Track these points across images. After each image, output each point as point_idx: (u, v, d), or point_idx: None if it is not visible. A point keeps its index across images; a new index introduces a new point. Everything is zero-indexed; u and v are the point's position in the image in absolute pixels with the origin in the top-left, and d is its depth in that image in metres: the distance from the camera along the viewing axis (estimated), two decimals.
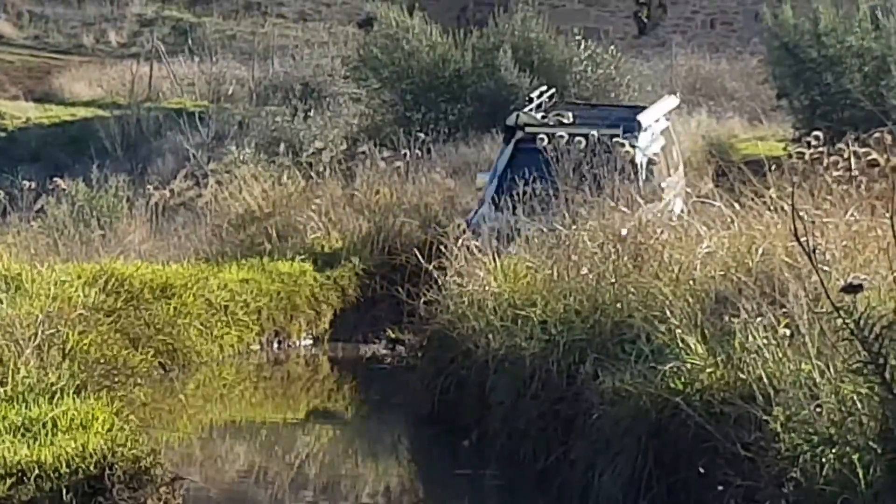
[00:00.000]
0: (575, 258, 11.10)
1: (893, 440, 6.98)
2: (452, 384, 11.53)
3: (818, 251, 8.18)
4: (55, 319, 11.17)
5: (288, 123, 22.99)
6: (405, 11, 24.80)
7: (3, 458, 8.29)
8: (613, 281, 10.42)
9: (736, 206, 10.55)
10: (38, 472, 8.22)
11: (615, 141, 14.48)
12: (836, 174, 10.09)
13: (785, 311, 8.26)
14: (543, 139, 14.86)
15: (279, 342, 15.58)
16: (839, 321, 7.18)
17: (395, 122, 23.26)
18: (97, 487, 8.32)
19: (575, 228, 11.47)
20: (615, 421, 8.98)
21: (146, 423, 10.98)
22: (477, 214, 15.34)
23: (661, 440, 8.71)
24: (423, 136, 19.41)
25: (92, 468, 8.32)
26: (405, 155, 18.22)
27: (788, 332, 8.08)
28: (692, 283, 9.72)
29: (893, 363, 6.99)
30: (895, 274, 7.93)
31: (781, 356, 8.01)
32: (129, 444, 8.65)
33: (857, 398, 7.30)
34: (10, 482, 8.14)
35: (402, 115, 23.52)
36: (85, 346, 11.57)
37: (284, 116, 23.49)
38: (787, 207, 9.41)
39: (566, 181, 13.29)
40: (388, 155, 18.53)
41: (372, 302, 16.02)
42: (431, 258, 12.77)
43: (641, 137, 15.83)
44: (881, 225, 9.09)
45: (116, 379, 11.69)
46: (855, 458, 7.08)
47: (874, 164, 9.73)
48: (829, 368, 7.62)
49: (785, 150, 18.13)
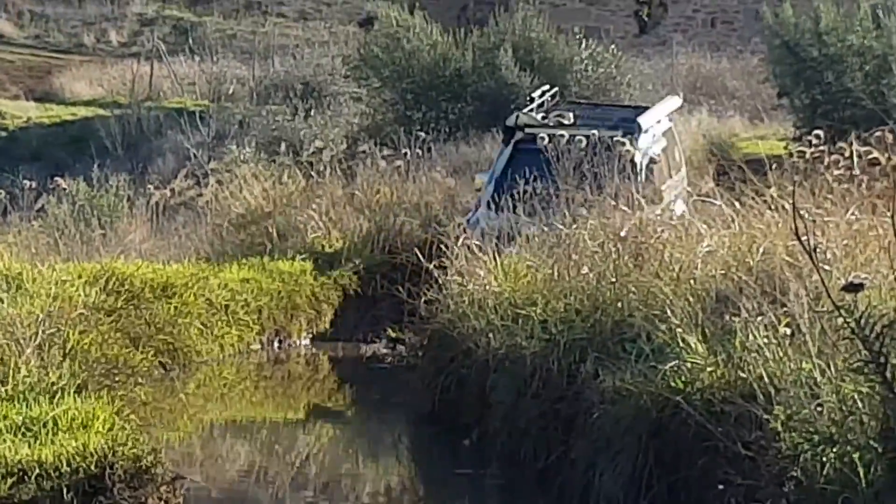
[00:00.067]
0: (575, 257, 11.09)
1: (894, 439, 6.97)
2: (453, 383, 11.52)
3: (819, 250, 8.17)
4: (56, 319, 11.17)
5: (288, 123, 22.98)
6: (406, 10, 24.79)
7: (4, 457, 8.28)
8: (614, 280, 10.41)
9: (737, 205, 10.54)
10: (38, 471, 8.22)
11: (616, 140, 14.47)
12: (836, 173, 10.09)
13: (786, 310, 8.25)
14: (544, 138, 14.86)
15: (280, 341, 15.57)
16: (840, 320, 7.18)
17: (395, 121, 23.24)
18: (98, 486, 8.32)
19: (575, 228, 11.47)
20: (616, 420, 8.98)
21: (147, 422, 10.97)
22: (475, 215, 15.32)
23: (661, 439, 8.71)
24: (423, 135, 19.40)
25: (93, 467, 8.32)
26: (406, 154, 18.20)
27: (789, 331, 8.08)
28: (693, 282, 9.72)
29: (894, 362, 6.99)
30: None
31: (782, 355, 8.01)
32: (129, 443, 8.65)
33: (857, 397, 7.30)
34: (11, 481, 8.14)
35: (402, 114, 23.51)
36: (86, 345, 11.57)
37: (285, 116, 23.49)
38: (787, 206, 9.41)
39: (566, 181, 13.28)
40: (388, 154, 18.52)
41: (372, 301, 16.01)
42: (432, 257, 12.76)
43: (642, 139, 15.75)
44: (882, 224, 9.09)
45: (117, 378, 11.69)
46: (856, 457, 7.08)
47: (875, 162, 9.74)
48: (829, 367, 7.62)
49: (786, 148, 18.12)
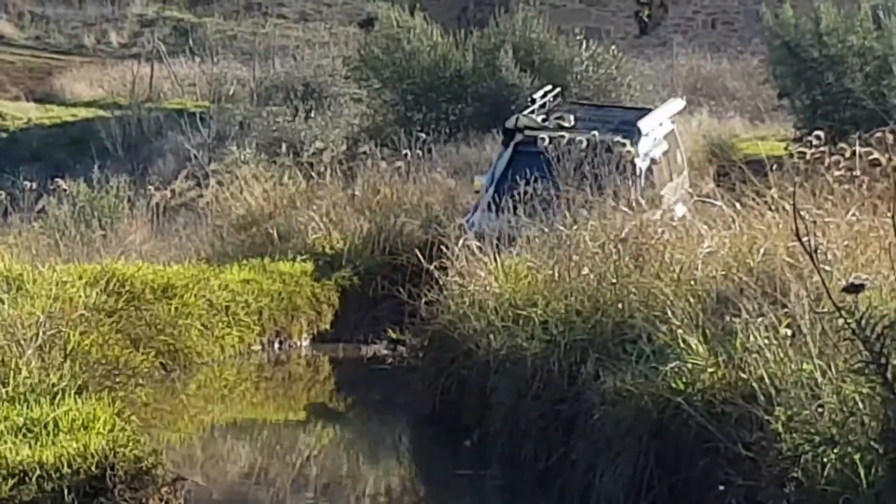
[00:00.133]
0: (576, 258, 11.09)
1: (895, 440, 6.97)
2: (453, 384, 11.52)
3: (820, 251, 8.16)
4: (56, 320, 11.17)
5: (289, 124, 22.97)
6: (406, 11, 24.79)
7: (5, 458, 8.29)
8: (614, 281, 10.41)
9: (737, 205, 10.55)
10: (39, 472, 8.22)
11: (616, 141, 14.47)
12: (837, 174, 10.09)
13: (786, 310, 8.25)
14: (544, 139, 14.85)
15: (280, 343, 15.57)
16: (841, 321, 7.18)
17: (396, 122, 23.24)
18: (99, 488, 8.32)
19: (576, 229, 11.46)
20: (616, 421, 8.98)
21: (147, 423, 10.97)
22: (472, 217, 15.27)
23: (662, 440, 8.71)
24: (424, 136, 19.39)
25: (93, 468, 8.32)
26: (406, 155, 18.20)
27: (790, 331, 8.08)
28: (693, 283, 9.72)
29: (895, 363, 6.99)
30: None
31: (783, 356, 8.01)
32: (130, 444, 8.65)
33: (858, 398, 7.30)
34: (12, 482, 8.14)
35: (403, 115, 23.51)
36: (86, 346, 11.57)
37: (285, 117, 23.48)
38: (788, 207, 9.41)
39: (567, 182, 13.27)
40: (389, 155, 18.52)
41: (373, 302, 15.99)
42: (432, 258, 12.76)
43: (642, 143, 15.68)
44: (883, 225, 9.10)
45: (118, 379, 11.69)
46: (856, 458, 7.08)
47: (876, 163, 9.74)
48: (830, 368, 7.62)
49: (786, 149, 18.12)
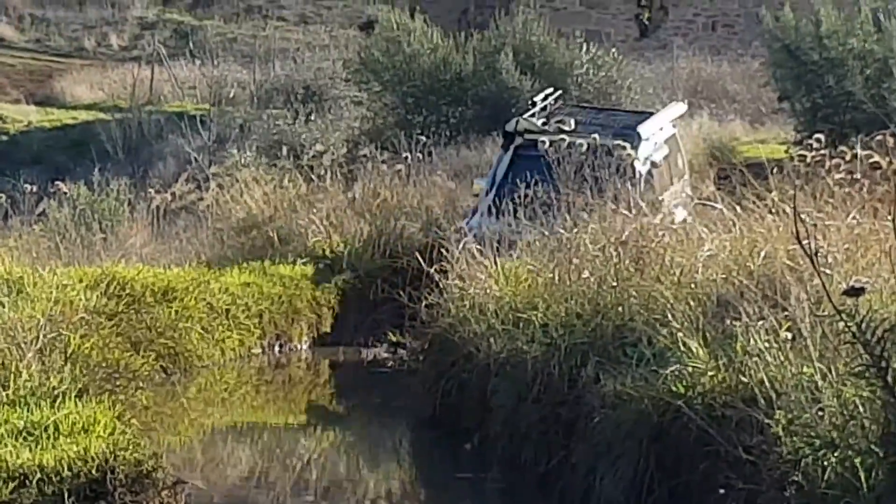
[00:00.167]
0: (576, 262, 11.09)
1: (895, 444, 6.97)
2: (454, 387, 11.52)
3: (820, 254, 8.16)
4: (57, 323, 11.17)
5: (289, 126, 22.97)
6: (406, 14, 24.79)
7: (5, 461, 8.29)
8: (615, 284, 10.41)
9: (737, 208, 10.54)
10: (40, 475, 8.22)
11: (616, 144, 14.46)
12: (837, 177, 10.08)
13: (787, 314, 8.25)
14: (545, 142, 14.84)
15: (280, 346, 15.57)
16: (841, 324, 7.17)
17: (396, 125, 23.23)
18: (99, 491, 8.32)
19: (576, 232, 11.46)
20: (617, 424, 8.98)
21: (148, 426, 10.98)
22: (472, 221, 15.24)
23: (662, 444, 8.71)
24: (424, 139, 19.39)
25: (94, 472, 8.32)
26: (406, 158, 18.19)
27: (790, 335, 8.08)
28: (693, 286, 9.72)
29: (895, 366, 6.98)
30: None
31: (783, 359, 8.01)
32: (130, 447, 8.65)
33: (859, 402, 7.30)
34: (12, 486, 8.15)
35: (403, 118, 23.50)
36: (86, 349, 11.57)
37: (286, 119, 23.47)
38: (788, 210, 9.42)
39: (567, 185, 13.26)
40: (389, 158, 18.51)
41: (373, 305, 15.98)
42: (433, 261, 12.76)
43: (642, 147, 15.65)
44: (883, 228, 9.10)
45: (118, 382, 11.69)
46: (857, 461, 7.08)
47: (876, 166, 9.73)
48: (830, 372, 7.62)
49: (786, 152, 18.12)
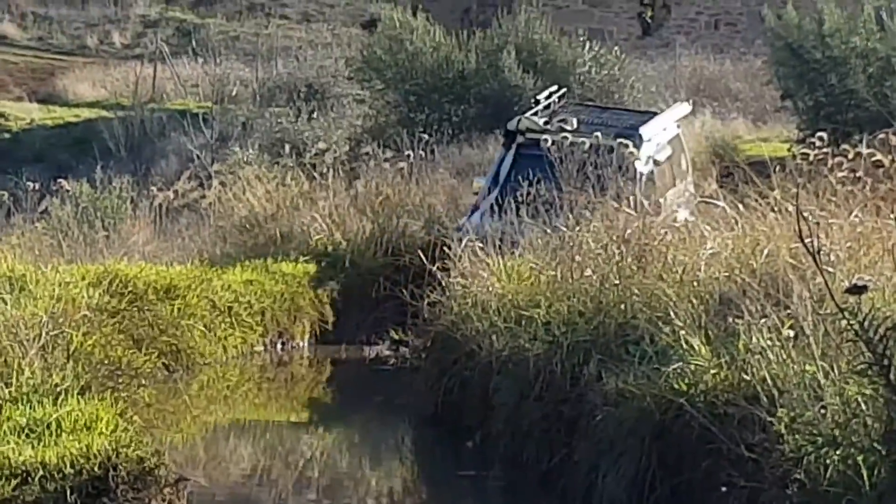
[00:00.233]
0: (579, 259, 11.09)
1: None
2: (456, 385, 11.52)
3: (823, 252, 8.16)
4: (59, 320, 11.17)
5: (291, 124, 22.98)
6: (409, 12, 24.79)
7: (7, 458, 8.29)
8: (617, 282, 10.41)
9: (740, 207, 10.54)
10: (42, 472, 8.22)
11: (619, 142, 14.44)
12: (840, 175, 10.07)
13: (789, 312, 8.25)
14: (547, 140, 14.82)
15: (283, 343, 15.58)
16: (844, 322, 7.18)
17: (398, 123, 23.23)
18: (101, 488, 8.32)
19: (578, 230, 11.46)
20: (619, 422, 8.98)
21: (150, 424, 10.98)
22: (469, 220, 15.21)
23: (664, 441, 8.70)
24: (426, 137, 19.38)
25: (96, 469, 8.32)
26: (409, 156, 18.19)
27: (792, 333, 8.07)
28: (696, 284, 9.71)
29: None
30: None
31: (785, 357, 8.00)
32: (133, 445, 8.65)
33: (861, 399, 7.30)
34: (14, 483, 8.14)
35: (405, 116, 23.50)
36: (89, 347, 11.58)
37: (288, 117, 23.49)
38: (791, 208, 9.40)
39: (570, 183, 13.26)
40: (391, 156, 18.51)
41: (375, 303, 16.00)
42: (435, 259, 12.76)
43: (644, 148, 15.59)
44: (886, 226, 9.09)
45: (120, 380, 11.70)
46: (859, 459, 7.07)
47: (879, 164, 9.73)
48: (833, 370, 7.61)
49: (789, 150, 18.07)
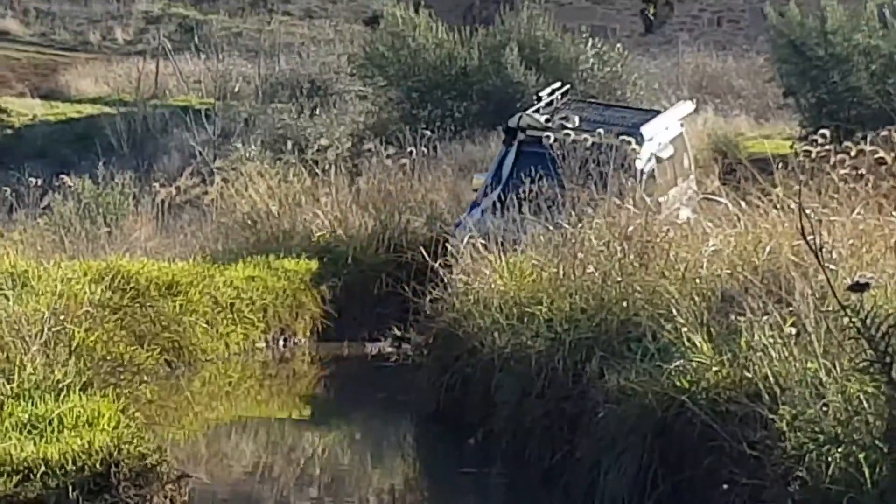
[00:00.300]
0: (581, 256, 11.09)
1: None
2: (458, 382, 11.52)
3: (825, 249, 8.16)
4: (61, 316, 11.18)
5: (294, 121, 22.98)
6: (411, 9, 24.78)
7: (9, 455, 8.29)
8: (619, 279, 10.41)
9: (742, 204, 10.54)
10: (44, 469, 8.22)
11: (622, 139, 14.43)
12: (842, 172, 10.06)
13: (791, 309, 8.24)
14: (549, 136, 14.80)
15: (285, 340, 15.58)
16: (846, 320, 7.17)
17: (401, 119, 23.22)
18: (103, 485, 8.32)
19: (581, 227, 11.46)
20: (621, 419, 8.98)
21: (152, 420, 10.98)
22: (470, 215, 15.19)
23: (666, 439, 8.70)
24: (429, 133, 19.37)
25: (98, 465, 8.32)
26: (411, 153, 18.18)
27: (795, 330, 8.07)
28: (698, 281, 9.71)
29: None
30: None
31: (787, 355, 8.00)
32: (135, 441, 8.65)
33: (863, 397, 7.30)
34: (16, 479, 8.15)
35: (408, 112, 23.49)
36: (91, 343, 11.58)
37: (290, 114, 23.49)
38: (793, 206, 9.40)
39: (572, 180, 13.25)
40: (394, 153, 18.51)
41: (377, 300, 16.00)
42: (437, 256, 12.76)
43: (645, 147, 15.56)
44: (888, 223, 9.10)
45: (122, 376, 11.70)
46: (861, 457, 7.07)
47: (881, 162, 9.72)
48: (835, 367, 7.61)
49: (791, 148, 18.10)
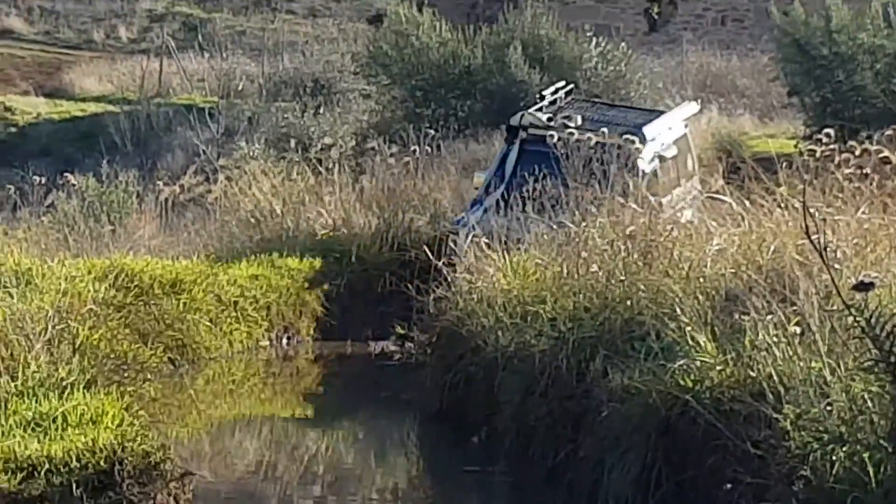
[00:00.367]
0: (584, 255, 11.08)
1: None
2: (461, 381, 11.52)
3: (829, 249, 8.16)
4: (65, 314, 11.19)
5: (297, 119, 22.98)
6: (415, 8, 24.77)
7: (13, 452, 8.30)
8: (623, 278, 10.40)
9: (747, 203, 10.53)
10: (48, 466, 8.23)
11: (626, 138, 14.42)
12: (847, 171, 10.05)
13: (795, 308, 8.24)
14: (553, 136, 14.79)
15: (288, 338, 15.58)
16: (850, 319, 7.17)
17: (404, 118, 23.21)
18: (107, 482, 8.33)
19: (584, 226, 11.45)
20: (624, 418, 8.98)
21: (156, 418, 10.99)
22: (469, 216, 15.17)
23: (670, 438, 8.70)
24: (432, 132, 19.37)
25: (102, 463, 8.33)
26: (415, 151, 18.19)
27: (799, 329, 8.07)
28: (702, 280, 9.71)
29: None
30: None
31: (792, 354, 8.00)
32: (138, 439, 8.66)
33: (867, 396, 7.29)
34: (20, 476, 8.16)
35: (411, 111, 23.49)
36: (95, 341, 11.59)
37: (294, 112, 23.49)
38: (798, 205, 9.38)
39: (576, 179, 13.24)
40: (397, 151, 18.51)
41: (381, 298, 16.00)
42: (441, 254, 12.76)
43: (647, 148, 15.52)
44: (893, 223, 9.09)
45: (126, 374, 11.71)
46: (865, 456, 7.07)
47: (886, 161, 9.70)
48: (839, 366, 7.61)
49: (796, 147, 18.08)
